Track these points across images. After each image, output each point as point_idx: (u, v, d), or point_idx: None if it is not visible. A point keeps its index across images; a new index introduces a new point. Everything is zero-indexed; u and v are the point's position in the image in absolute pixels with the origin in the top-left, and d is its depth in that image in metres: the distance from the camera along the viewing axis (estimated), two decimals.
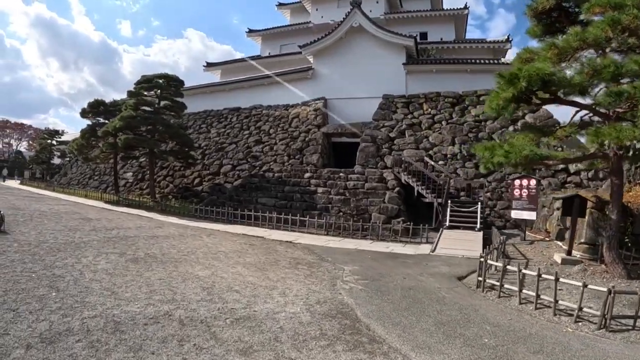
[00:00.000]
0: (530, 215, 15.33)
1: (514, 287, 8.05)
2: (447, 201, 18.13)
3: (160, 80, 26.20)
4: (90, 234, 12.82)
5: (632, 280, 9.01)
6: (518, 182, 15.66)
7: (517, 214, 15.61)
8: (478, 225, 16.55)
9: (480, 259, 9.12)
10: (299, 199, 21.26)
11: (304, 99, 28.97)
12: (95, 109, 31.11)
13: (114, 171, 29.66)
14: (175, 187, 28.18)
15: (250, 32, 40.68)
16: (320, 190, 21.14)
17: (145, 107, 25.72)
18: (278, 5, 42.81)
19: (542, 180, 18.41)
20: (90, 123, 31.47)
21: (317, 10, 37.56)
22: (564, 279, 7.43)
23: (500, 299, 8.00)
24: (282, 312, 6.43)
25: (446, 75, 26.01)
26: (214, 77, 39.64)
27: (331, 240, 15.49)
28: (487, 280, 8.80)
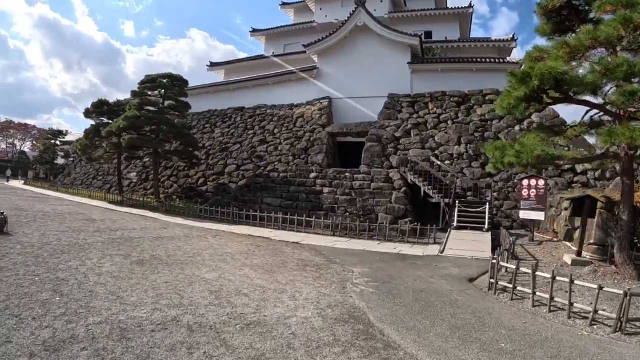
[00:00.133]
0: (539, 216, 15.15)
1: (526, 290, 7.92)
2: (455, 201, 17.90)
3: (164, 80, 26.06)
4: (94, 235, 12.66)
5: None
6: (526, 182, 15.46)
7: (526, 215, 15.40)
8: (486, 226, 16.34)
9: (492, 261, 8.97)
10: (304, 199, 21.06)
11: (308, 99, 28.77)
12: (99, 109, 30.98)
13: (117, 171, 29.56)
14: (179, 188, 28.03)
15: (254, 32, 40.58)
16: (326, 190, 20.94)
17: (149, 107, 25.57)
18: (282, 4, 42.72)
19: (549, 180, 18.15)
20: (94, 123, 31.38)
21: (321, 9, 37.45)
22: (579, 282, 7.28)
23: (513, 302, 7.86)
24: (294, 317, 6.23)
25: (452, 75, 25.78)
26: (218, 77, 39.53)
27: (338, 241, 15.28)
28: (499, 283, 8.67)
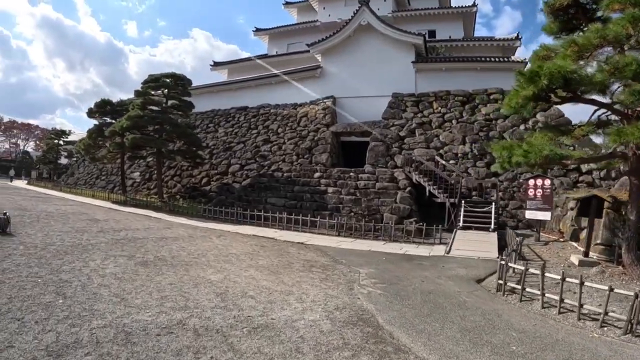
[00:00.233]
0: (545, 216, 14.99)
1: (534, 291, 7.83)
2: (461, 201, 17.74)
3: (168, 80, 25.98)
4: (98, 236, 12.56)
5: None
6: (532, 182, 15.28)
7: (532, 215, 15.24)
8: (492, 226, 16.19)
9: (500, 262, 8.85)
10: (309, 199, 20.94)
11: (312, 98, 28.62)
12: (102, 109, 30.91)
13: (121, 171, 29.49)
14: (183, 187, 27.94)
15: (257, 31, 40.47)
16: (330, 190, 20.80)
17: (152, 107, 25.48)
18: (285, 4, 42.60)
19: (554, 179, 18.01)
20: (97, 123, 31.29)
21: (325, 8, 37.31)
22: (589, 283, 7.19)
23: (522, 303, 7.77)
24: (301, 320, 6.10)
25: (456, 74, 25.58)
26: (221, 77, 39.46)
27: (343, 242, 15.15)
28: (507, 284, 8.58)
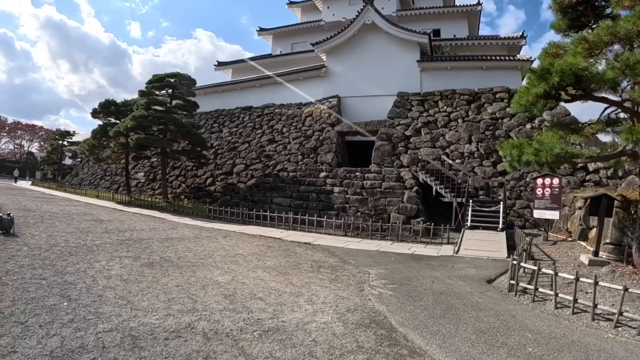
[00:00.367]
0: (553, 215, 14.85)
1: (547, 291, 7.73)
2: (468, 201, 17.53)
3: (172, 80, 25.91)
4: (102, 237, 12.41)
5: None
6: (540, 181, 15.14)
7: (540, 214, 15.10)
8: (500, 225, 15.99)
9: (512, 262, 8.69)
10: (315, 198, 20.76)
11: (317, 98, 28.46)
12: (106, 109, 30.83)
13: (125, 171, 29.44)
14: (187, 187, 27.84)
15: (261, 31, 40.35)
16: (336, 190, 20.61)
17: (156, 107, 25.39)
18: (289, 3, 42.48)
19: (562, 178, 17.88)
20: (101, 123, 31.26)
21: (329, 8, 37.19)
22: (602, 283, 7.06)
23: (534, 304, 7.61)
24: (313, 323, 5.93)
25: (461, 72, 25.41)
26: (225, 77, 39.38)
27: (350, 242, 14.96)
28: (519, 284, 8.46)
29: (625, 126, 9.65)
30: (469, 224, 16.40)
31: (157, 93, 25.99)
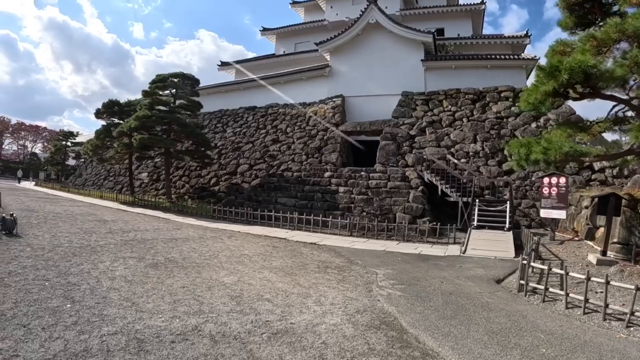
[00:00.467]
0: (560, 214, 14.77)
1: (557, 291, 7.68)
2: (474, 200, 17.37)
3: (176, 79, 25.80)
4: (106, 237, 12.31)
5: None
6: (547, 180, 15.03)
7: (547, 213, 15.00)
8: (507, 225, 15.86)
9: (522, 262, 8.60)
10: (319, 198, 20.63)
11: (321, 97, 28.31)
12: (110, 109, 30.74)
13: (129, 172, 29.35)
14: (191, 187, 27.74)
15: (264, 31, 40.26)
16: (341, 189, 20.47)
17: (160, 107, 25.27)
18: (292, 3, 42.39)
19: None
20: (104, 124, 31.17)
21: (332, 7, 37.12)
22: (615, 282, 7.02)
23: (545, 304, 7.54)
24: (322, 324, 5.79)
25: (466, 72, 25.21)
26: (229, 77, 39.30)
27: (356, 242, 14.82)
28: (529, 284, 8.39)
29: (634, 124, 9.60)
30: (475, 223, 16.26)
31: (161, 93, 25.88)
